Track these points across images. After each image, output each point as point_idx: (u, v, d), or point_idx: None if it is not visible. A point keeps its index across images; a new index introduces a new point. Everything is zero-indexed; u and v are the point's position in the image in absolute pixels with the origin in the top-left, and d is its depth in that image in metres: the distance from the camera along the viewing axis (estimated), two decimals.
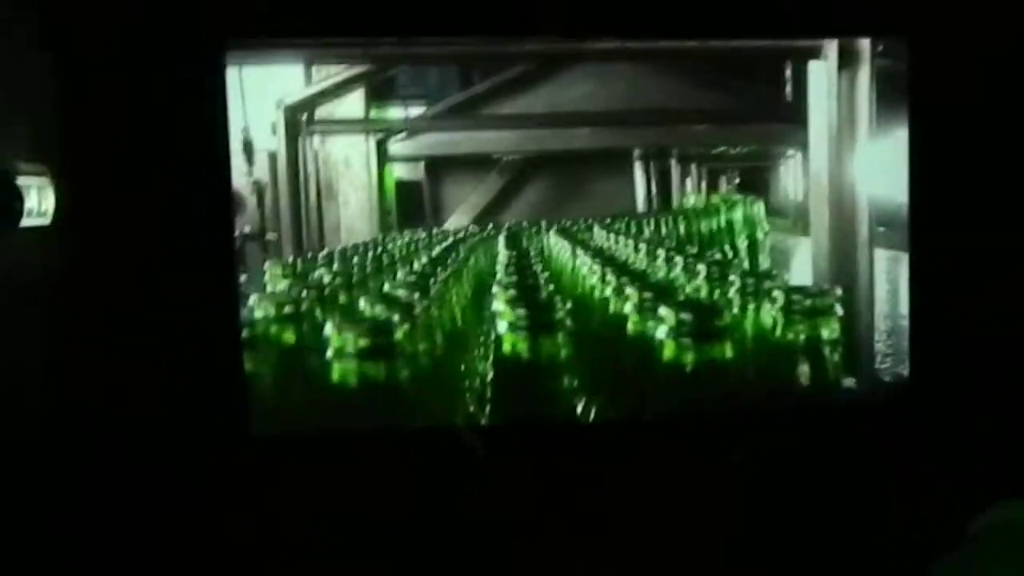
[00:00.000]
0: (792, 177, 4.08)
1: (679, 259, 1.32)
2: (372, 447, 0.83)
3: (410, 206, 3.36)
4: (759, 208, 3.75)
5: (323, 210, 2.87)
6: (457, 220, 3.32)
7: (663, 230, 2.78)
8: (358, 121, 2.89)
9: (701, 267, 1.19)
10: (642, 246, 1.66)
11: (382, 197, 2.98)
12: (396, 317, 0.86)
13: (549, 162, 3.38)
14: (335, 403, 0.82)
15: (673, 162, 3.95)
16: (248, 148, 2.51)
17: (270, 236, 2.58)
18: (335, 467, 0.83)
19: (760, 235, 3.54)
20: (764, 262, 3.23)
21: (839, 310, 0.90)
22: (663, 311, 0.87)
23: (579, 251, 1.50)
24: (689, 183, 4.04)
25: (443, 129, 3.02)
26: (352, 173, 2.90)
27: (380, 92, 3.01)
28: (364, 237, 2.82)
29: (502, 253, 1.81)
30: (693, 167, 4.14)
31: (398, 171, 3.23)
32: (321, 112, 2.72)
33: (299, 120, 2.44)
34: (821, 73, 1.09)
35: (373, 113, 3.03)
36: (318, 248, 2.48)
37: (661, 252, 1.45)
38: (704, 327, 0.86)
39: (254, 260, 2.42)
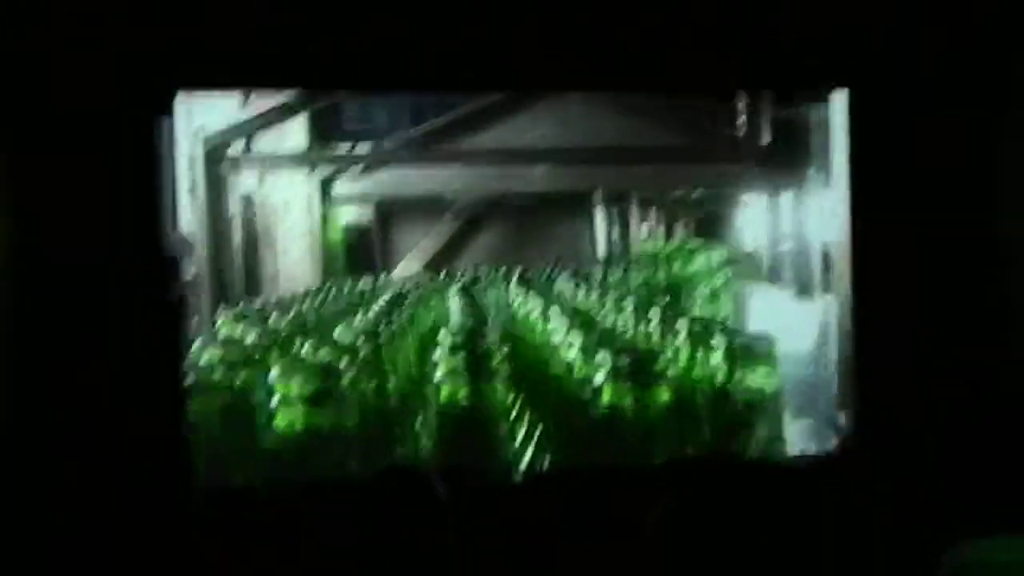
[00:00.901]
0: (751, 222, 3.97)
1: (628, 304, 1.34)
2: (317, 496, 0.83)
3: (358, 252, 3.14)
4: (721, 254, 3.67)
5: (259, 257, 2.63)
6: (407, 267, 3.10)
7: (627, 279, 2.62)
8: (293, 157, 2.65)
9: (651, 313, 1.19)
10: (605, 295, 1.64)
11: (326, 242, 2.75)
12: (342, 363, 0.89)
13: (505, 206, 3.18)
14: (282, 451, 0.85)
15: (633, 206, 3.81)
16: (194, 189, 2.34)
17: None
18: (280, 518, 0.82)
19: (721, 282, 3.42)
20: (728, 310, 3.08)
21: (777, 357, 0.92)
22: (600, 356, 0.89)
23: (538, 303, 1.47)
24: (646, 228, 3.90)
25: (394, 164, 2.79)
26: (292, 218, 2.67)
27: (324, 128, 2.78)
28: (304, 286, 2.58)
29: (454, 313, 1.64)
30: (652, 211, 4.01)
31: (345, 215, 3.01)
32: (260, 148, 2.50)
33: (223, 155, 2.17)
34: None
35: (316, 152, 2.80)
36: (246, 298, 2.23)
37: (623, 301, 1.43)
38: (641, 371, 0.87)
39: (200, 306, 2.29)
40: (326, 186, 2.73)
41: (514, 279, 2.13)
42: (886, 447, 0.89)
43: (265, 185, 2.63)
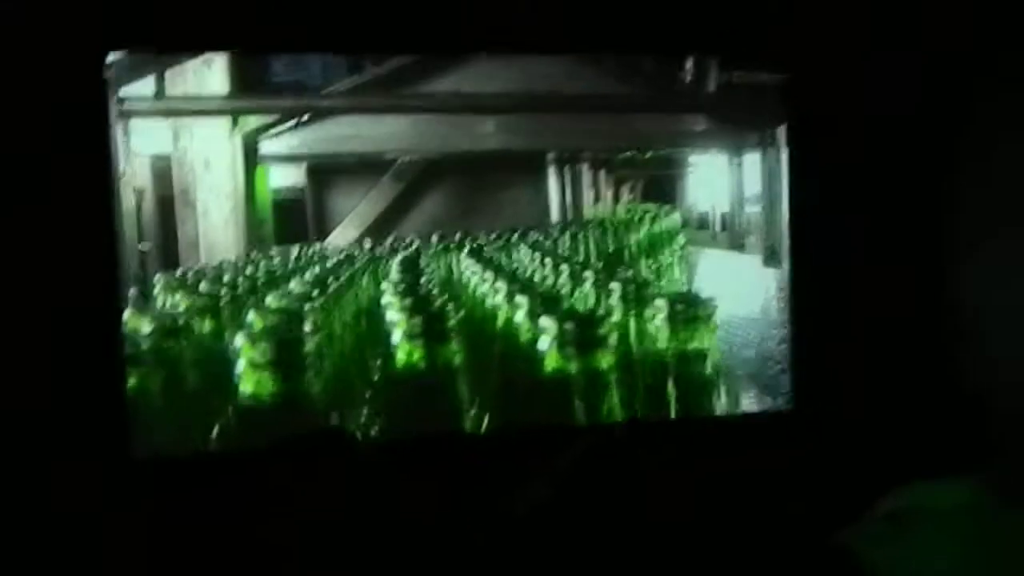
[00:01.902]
0: (704, 185, 3.81)
1: (565, 268, 1.34)
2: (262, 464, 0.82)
3: (289, 218, 2.85)
4: (676, 219, 3.53)
5: (178, 221, 2.34)
6: (343, 234, 2.82)
7: (581, 246, 2.46)
8: (216, 99, 2.33)
9: (587, 275, 1.21)
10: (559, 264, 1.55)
11: (252, 206, 2.46)
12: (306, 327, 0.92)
13: (450, 167, 2.92)
14: (239, 416, 0.85)
15: (585, 167, 3.59)
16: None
17: (142, 247, 2.36)
18: (220, 488, 0.82)
19: (677, 248, 3.26)
20: (684, 277, 2.98)
21: (717, 321, 0.94)
22: (545, 321, 0.89)
23: (488, 273, 1.40)
24: (595, 191, 3.69)
25: (327, 118, 2.50)
26: (213, 177, 2.37)
27: (249, 78, 2.48)
28: (227, 254, 2.30)
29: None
30: (603, 173, 3.81)
31: (274, 177, 2.71)
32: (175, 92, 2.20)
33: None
34: None
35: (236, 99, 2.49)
36: (165, 267, 1.97)
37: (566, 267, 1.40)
38: (584, 336, 0.88)
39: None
40: (251, 143, 2.43)
41: (464, 249, 1.89)
42: (823, 409, 0.91)
43: (181, 140, 2.33)
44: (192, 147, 2.35)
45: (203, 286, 1.34)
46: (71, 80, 0.79)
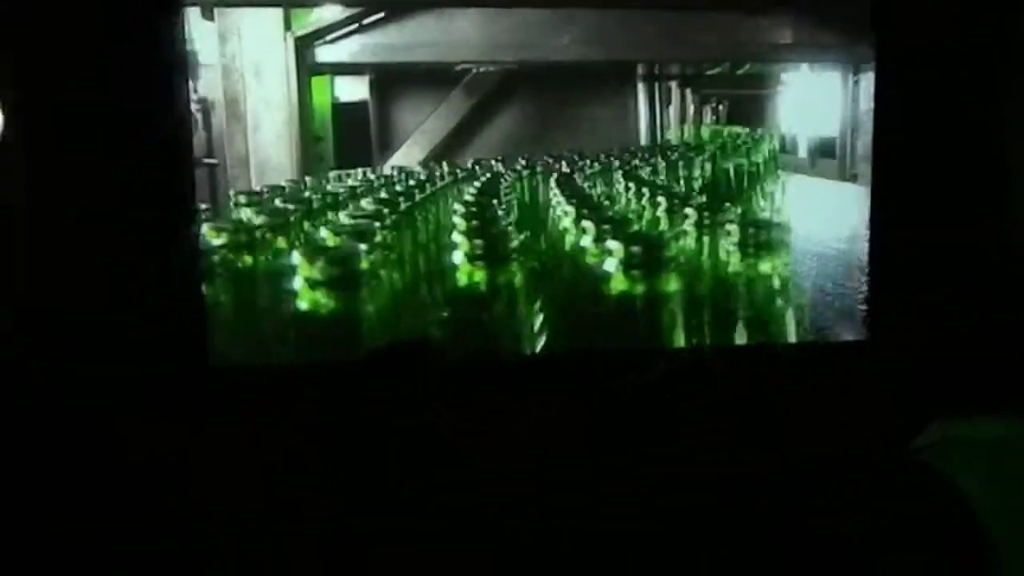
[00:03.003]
0: (801, 108, 3.48)
1: (665, 202, 1.26)
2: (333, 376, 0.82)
3: (350, 135, 2.59)
4: (770, 143, 3.24)
5: (225, 137, 2.09)
6: (408, 153, 2.55)
7: (682, 172, 2.19)
8: None
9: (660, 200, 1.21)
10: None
11: (307, 121, 2.19)
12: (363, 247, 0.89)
13: (528, 80, 2.61)
14: (300, 333, 0.86)
15: (673, 85, 3.28)
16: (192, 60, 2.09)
17: (210, 160, 2.20)
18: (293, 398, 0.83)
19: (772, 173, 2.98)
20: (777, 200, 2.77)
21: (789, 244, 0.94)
22: (611, 244, 0.88)
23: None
24: (682, 111, 3.39)
25: (391, 20, 2.21)
26: (264, 87, 2.11)
27: None
28: (279, 174, 2.06)
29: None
30: (688, 92, 3.50)
31: (330, 88, 2.45)
32: None
33: None
34: None
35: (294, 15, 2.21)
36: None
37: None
38: (649, 259, 0.87)
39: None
40: (306, 49, 2.15)
41: (552, 177, 1.66)
42: (896, 337, 0.90)
43: (229, 44, 2.07)
44: (241, 52, 2.09)
45: (276, 203, 1.30)
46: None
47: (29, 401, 0.81)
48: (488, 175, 1.80)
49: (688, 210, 1.07)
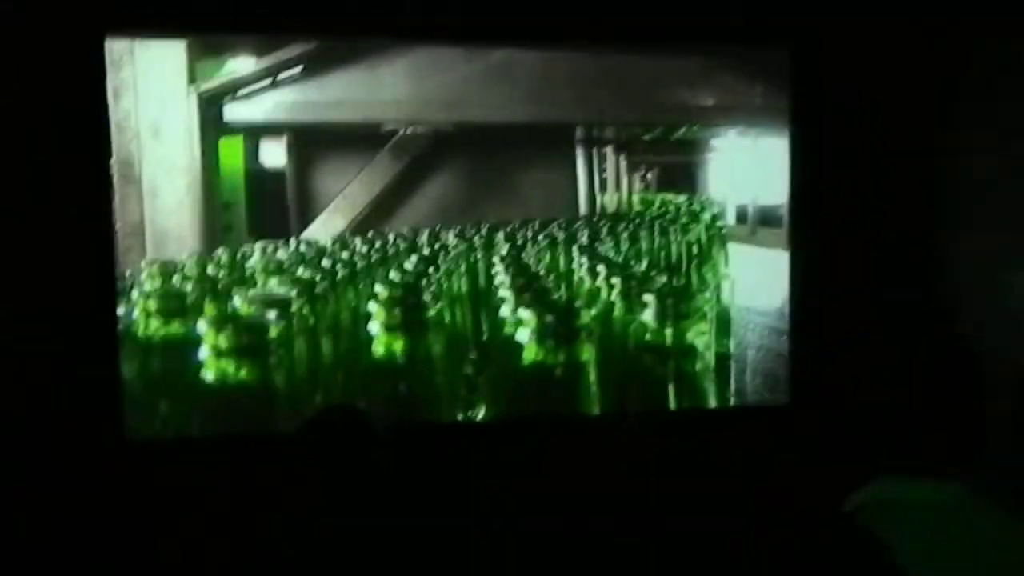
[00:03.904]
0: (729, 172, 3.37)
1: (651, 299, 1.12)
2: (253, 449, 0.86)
3: (266, 202, 2.34)
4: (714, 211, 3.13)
5: (118, 201, 1.83)
6: (327, 223, 2.30)
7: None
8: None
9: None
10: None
11: (211, 187, 1.93)
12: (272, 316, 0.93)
13: (460, 142, 2.40)
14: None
15: (610, 150, 3.14)
16: None
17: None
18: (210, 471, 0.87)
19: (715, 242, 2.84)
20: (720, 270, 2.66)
21: (709, 314, 0.99)
22: (524, 313, 0.91)
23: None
24: (616, 177, 3.28)
25: (310, 75, 1.97)
26: (163, 146, 1.85)
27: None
28: (179, 246, 1.80)
29: None
30: (622, 158, 3.39)
31: (240, 148, 2.20)
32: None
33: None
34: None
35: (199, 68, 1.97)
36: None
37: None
38: (563, 328, 0.91)
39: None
40: (211, 105, 1.91)
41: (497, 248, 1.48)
42: (817, 399, 0.94)
43: (123, 99, 1.81)
44: (136, 109, 1.83)
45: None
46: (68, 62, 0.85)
47: None
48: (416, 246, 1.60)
49: (614, 279, 1.08)
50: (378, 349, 0.91)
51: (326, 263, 1.42)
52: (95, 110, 0.85)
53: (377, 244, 1.76)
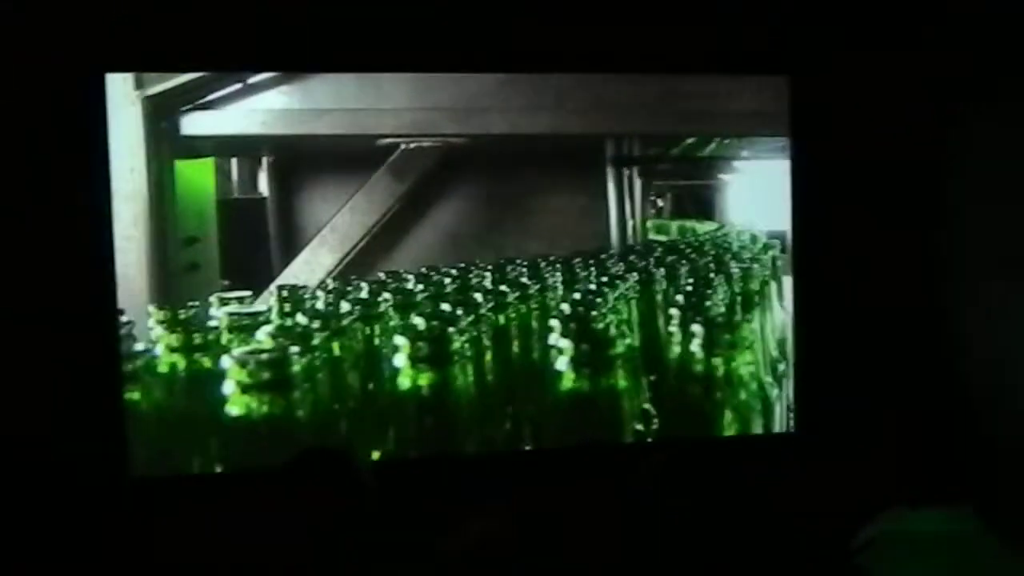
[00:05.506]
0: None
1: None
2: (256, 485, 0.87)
3: (243, 235, 1.95)
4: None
5: None
6: (312, 261, 1.90)
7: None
8: None
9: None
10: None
11: (165, 218, 1.54)
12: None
13: (468, 160, 2.01)
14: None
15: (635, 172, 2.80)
16: None
17: None
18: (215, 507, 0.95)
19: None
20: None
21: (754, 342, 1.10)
22: (562, 342, 1.01)
23: None
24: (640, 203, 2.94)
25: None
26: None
27: None
28: (129, 295, 1.40)
29: None
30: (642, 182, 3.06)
31: (207, 171, 1.81)
32: None
33: None
34: None
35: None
36: None
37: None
38: (595, 358, 0.99)
39: None
40: (161, 114, 1.52)
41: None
42: (824, 430, 1.02)
43: None
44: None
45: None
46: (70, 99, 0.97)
47: None
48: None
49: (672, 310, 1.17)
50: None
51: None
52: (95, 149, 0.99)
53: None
